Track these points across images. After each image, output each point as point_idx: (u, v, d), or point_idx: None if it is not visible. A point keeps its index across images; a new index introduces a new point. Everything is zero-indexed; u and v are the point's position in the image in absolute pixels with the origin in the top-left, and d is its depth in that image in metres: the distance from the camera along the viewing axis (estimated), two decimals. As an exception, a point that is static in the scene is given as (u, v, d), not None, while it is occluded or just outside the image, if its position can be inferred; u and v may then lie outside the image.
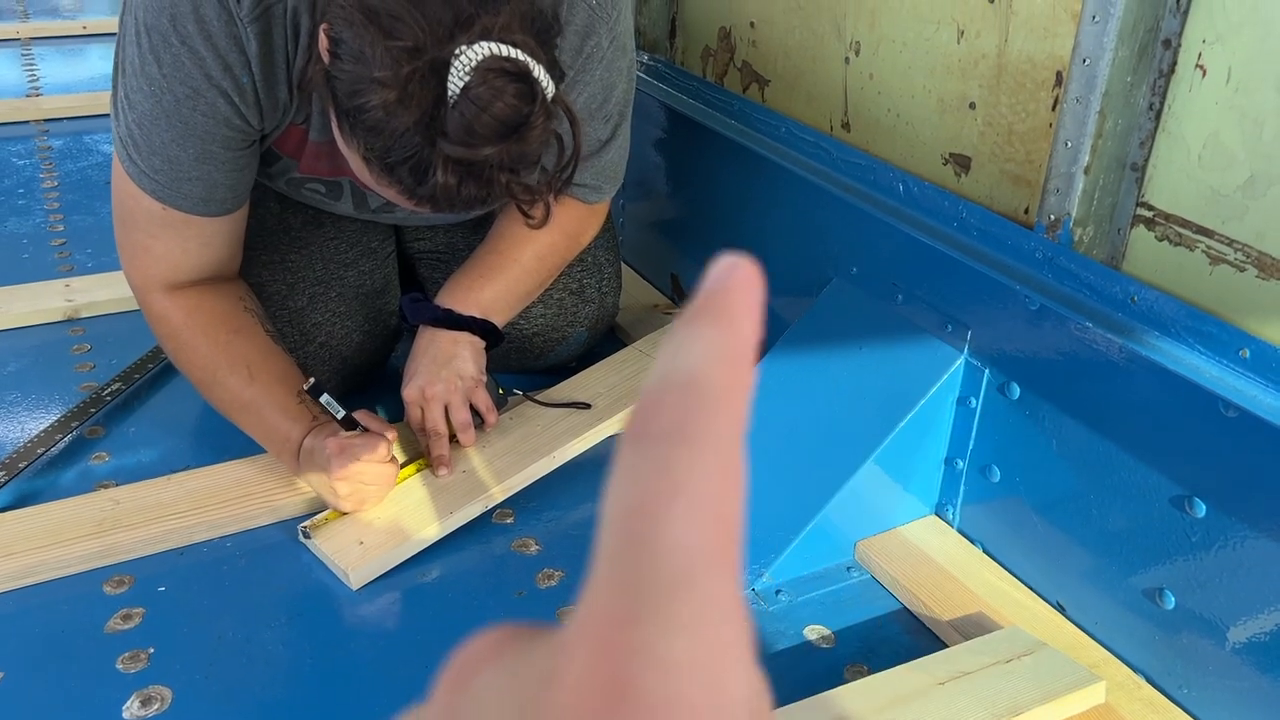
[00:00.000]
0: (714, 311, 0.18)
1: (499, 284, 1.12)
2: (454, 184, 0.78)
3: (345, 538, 1.00)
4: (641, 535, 0.16)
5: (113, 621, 0.92)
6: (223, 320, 1.03)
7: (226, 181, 0.98)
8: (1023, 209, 0.98)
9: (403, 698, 0.86)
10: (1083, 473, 0.90)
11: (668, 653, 0.15)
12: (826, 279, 1.15)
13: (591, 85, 1.04)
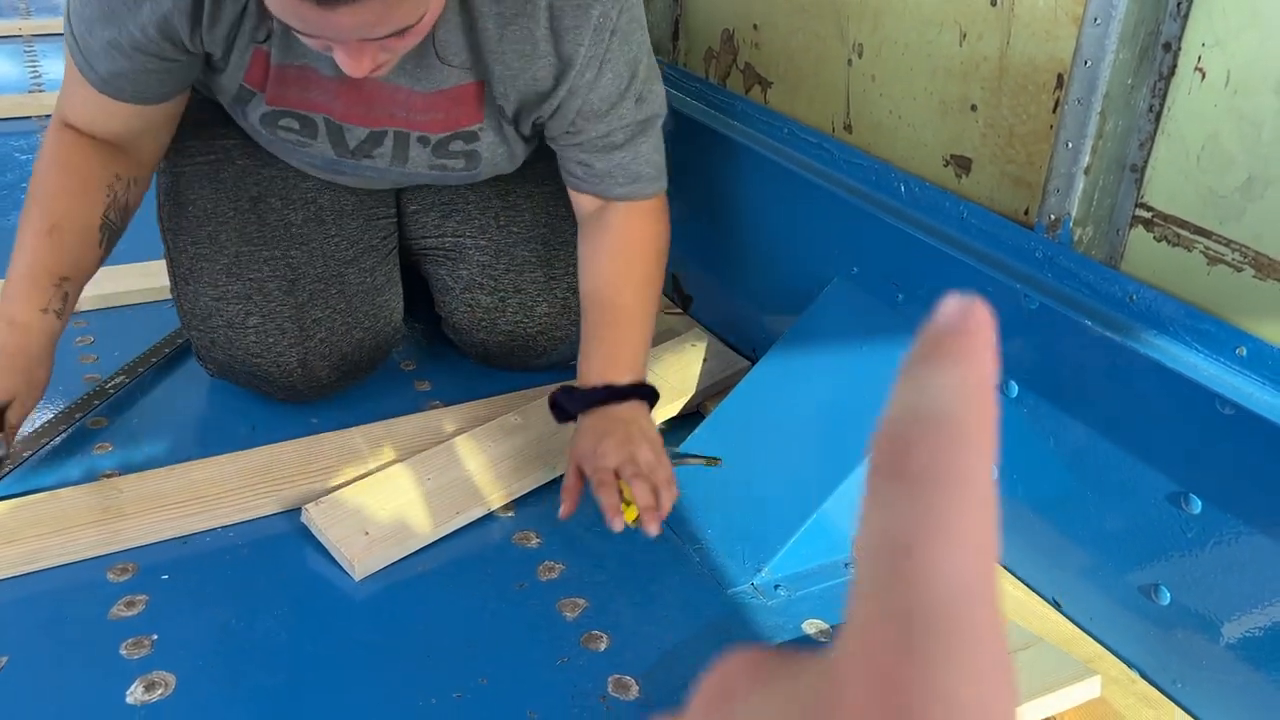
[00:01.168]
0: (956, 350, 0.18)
1: (624, 338, 1.09)
2: None
3: (350, 526, 1.01)
4: (910, 570, 0.16)
5: (116, 608, 0.93)
6: (80, 174, 1.04)
7: (131, 76, 1.00)
8: (1023, 210, 0.99)
9: (404, 687, 0.87)
10: (1080, 470, 0.91)
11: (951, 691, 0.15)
12: (827, 279, 1.16)
13: (615, 62, 1.03)
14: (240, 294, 1.16)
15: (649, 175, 1.12)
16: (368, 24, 0.82)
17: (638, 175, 1.11)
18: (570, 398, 1.06)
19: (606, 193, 1.12)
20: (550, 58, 1.02)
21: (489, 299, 1.27)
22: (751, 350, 1.36)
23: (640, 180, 1.11)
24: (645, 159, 1.11)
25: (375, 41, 0.85)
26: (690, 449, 1.16)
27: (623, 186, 1.11)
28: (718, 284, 1.43)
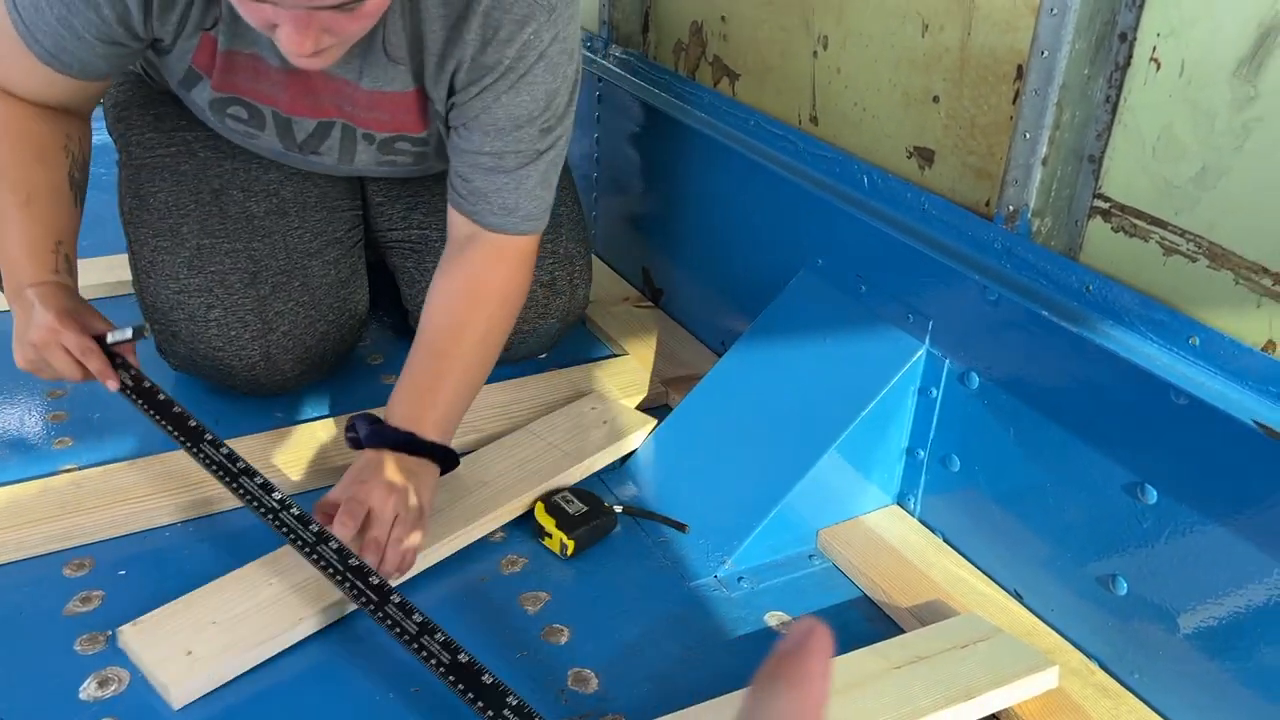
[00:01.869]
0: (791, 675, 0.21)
1: (449, 391, 1.02)
2: None
3: (171, 645, 0.85)
4: None
5: (71, 604, 0.92)
6: (36, 141, 1.03)
7: (77, 53, 0.98)
8: (984, 201, 0.99)
9: (360, 685, 0.86)
10: (1040, 461, 0.91)
11: None
12: (794, 270, 1.16)
13: (534, 85, 0.99)
14: (202, 287, 1.15)
15: (527, 211, 1.05)
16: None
17: (514, 207, 1.04)
18: (370, 430, 0.98)
19: (479, 217, 1.05)
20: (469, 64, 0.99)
21: None
22: (720, 342, 1.35)
23: (515, 213, 1.05)
24: (528, 192, 1.04)
25: (321, 12, 0.82)
26: (657, 443, 1.16)
27: (496, 216, 1.04)
28: (687, 277, 1.43)
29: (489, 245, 1.06)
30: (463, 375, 1.04)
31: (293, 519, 0.90)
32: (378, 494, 0.92)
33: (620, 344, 1.41)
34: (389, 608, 0.83)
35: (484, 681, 0.78)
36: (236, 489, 0.93)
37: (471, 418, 1.20)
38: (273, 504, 0.92)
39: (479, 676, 0.78)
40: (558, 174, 1.08)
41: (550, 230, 1.29)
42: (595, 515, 1.04)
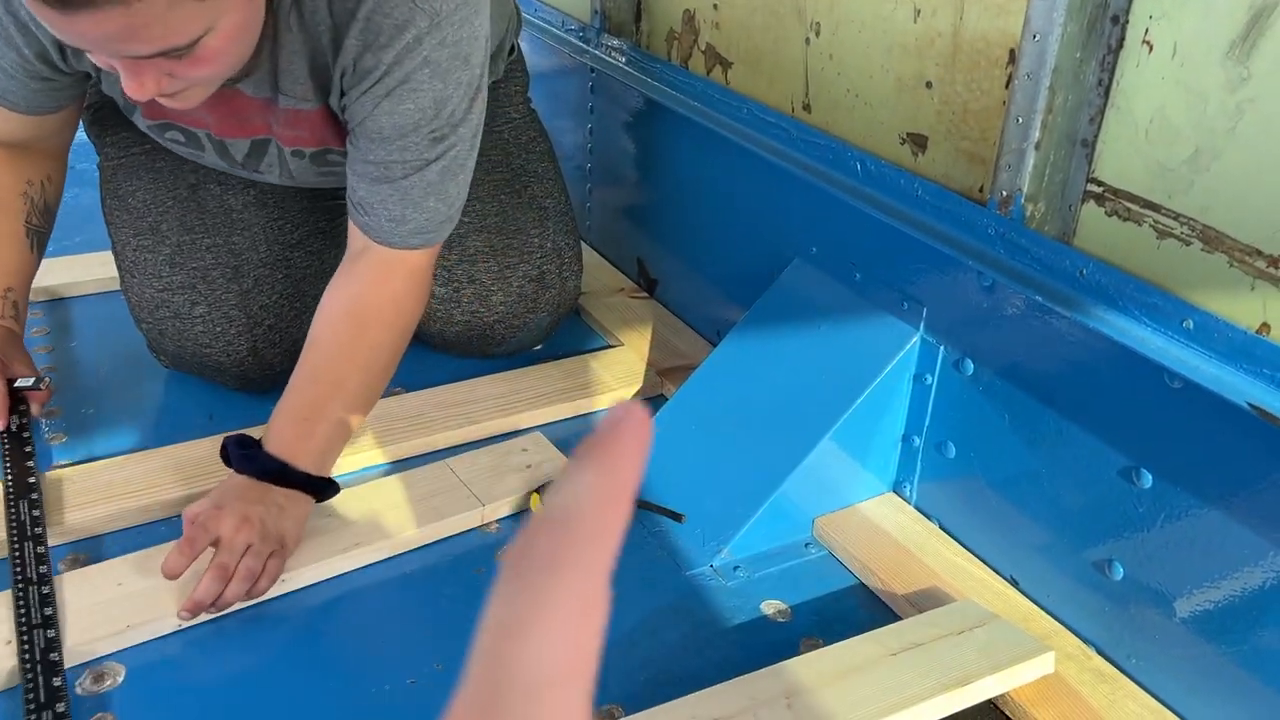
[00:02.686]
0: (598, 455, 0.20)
1: (328, 420, 0.96)
2: None
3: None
4: (499, 654, 0.19)
5: (66, 599, 0.92)
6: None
7: (19, 92, 0.99)
8: (978, 187, 0.98)
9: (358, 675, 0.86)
10: (1035, 447, 0.91)
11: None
12: (787, 259, 1.16)
13: (418, 93, 0.93)
14: (184, 284, 1.14)
15: (416, 224, 0.98)
16: (116, 36, 0.74)
17: (401, 219, 0.98)
18: (240, 455, 0.93)
19: (367, 229, 0.99)
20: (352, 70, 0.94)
21: (442, 290, 1.26)
22: (717, 332, 1.35)
23: (403, 225, 0.98)
24: (416, 203, 0.97)
25: (148, 61, 0.78)
26: (656, 430, 1.16)
27: (384, 228, 0.99)
28: (682, 266, 1.42)
29: (377, 260, 1.00)
30: (345, 403, 0.97)
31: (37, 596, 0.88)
32: (229, 524, 0.88)
33: (615, 335, 1.40)
34: None
35: None
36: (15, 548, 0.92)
37: (467, 410, 1.21)
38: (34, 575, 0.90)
39: None
40: (457, 185, 1.00)
41: (537, 224, 1.29)
42: (591, 506, 1.04)
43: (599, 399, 1.27)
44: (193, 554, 0.87)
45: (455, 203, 1.02)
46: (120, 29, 0.73)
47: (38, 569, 0.92)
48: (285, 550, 0.92)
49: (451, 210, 1.02)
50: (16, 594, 0.88)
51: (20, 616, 0.86)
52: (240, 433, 0.97)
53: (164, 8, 0.73)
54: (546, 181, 1.33)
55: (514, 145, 1.31)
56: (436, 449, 1.16)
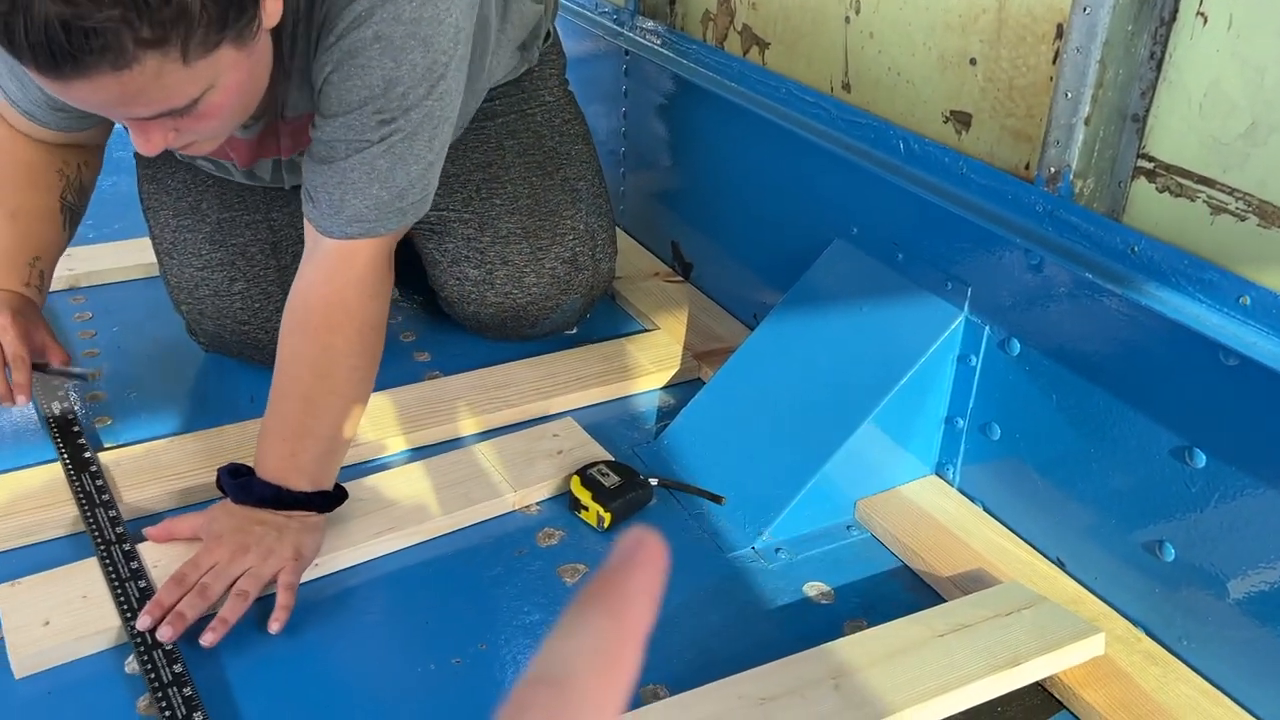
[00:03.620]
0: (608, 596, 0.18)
1: (309, 436, 0.93)
2: None
3: (32, 612, 0.86)
4: None
5: (114, 579, 0.93)
6: (25, 164, 1.02)
7: (52, 120, 0.99)
8: (1024, 164, 0.97)
9: (402, 654, 0.87)
10: (1083, 427, 0.90)
11: None
12: (827, 240, 1.15)
13: (367, 68, 0.87)
14: (224, 261, 1.15)
15: (355, 211, 0.92)
16: (113, 101, 0.74)
17: (340, 205, 0.92)
18: (235, 485, 0.92)
19: (312, 217, 0.94)
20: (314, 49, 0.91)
21: (476, 272, 1.26)
22: (754, 315, 1.34)
23: (341, 213, 0.92)
24: (355, 187, 0.91)
25: (153, 120, 0.78)
26: (690, 417, 1.15)
27: (324, 216, 0.93)
28: (718, 249, 1.42)
29: (319, 257, 0.94)
30: (320, 416, 0.93)
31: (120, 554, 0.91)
32: (224, 554, 0.87)
33: (650, 319, 1.40)
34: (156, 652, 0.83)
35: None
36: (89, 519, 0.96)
37: (505, 394, 1.21)
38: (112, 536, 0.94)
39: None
40: (408, 175, 0.93)
41: (570, 205, 1.28)
42: (631, 488, 1.04)
43: (635, 382, 1.26)
44: (181, 591, 0.85)
45: (407, 195, 0.93)
46: (115, 95, 0.73)
47: (114, 530, 0.94)
48: (302, 561, 0.90)
49: (403, 202, 0.93)
50: (101, 556, 0.91)
51: (110, 575, 0.89)
52: (232, 462, 0.96)
53: (154, 75, 0.72)
54: (580, 164, 1.32)
55: (547, 128, 1.31)
56: (472, 432, 1.16)
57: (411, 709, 0.82)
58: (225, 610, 0.86)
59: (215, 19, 0.72)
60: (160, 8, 0.68)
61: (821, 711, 0.75)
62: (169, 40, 0.70)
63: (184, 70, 0.73)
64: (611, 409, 1.23)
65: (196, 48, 0.72)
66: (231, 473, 0.93)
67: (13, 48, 0.69)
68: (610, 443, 1.14)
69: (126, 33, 0.68)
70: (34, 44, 0.68)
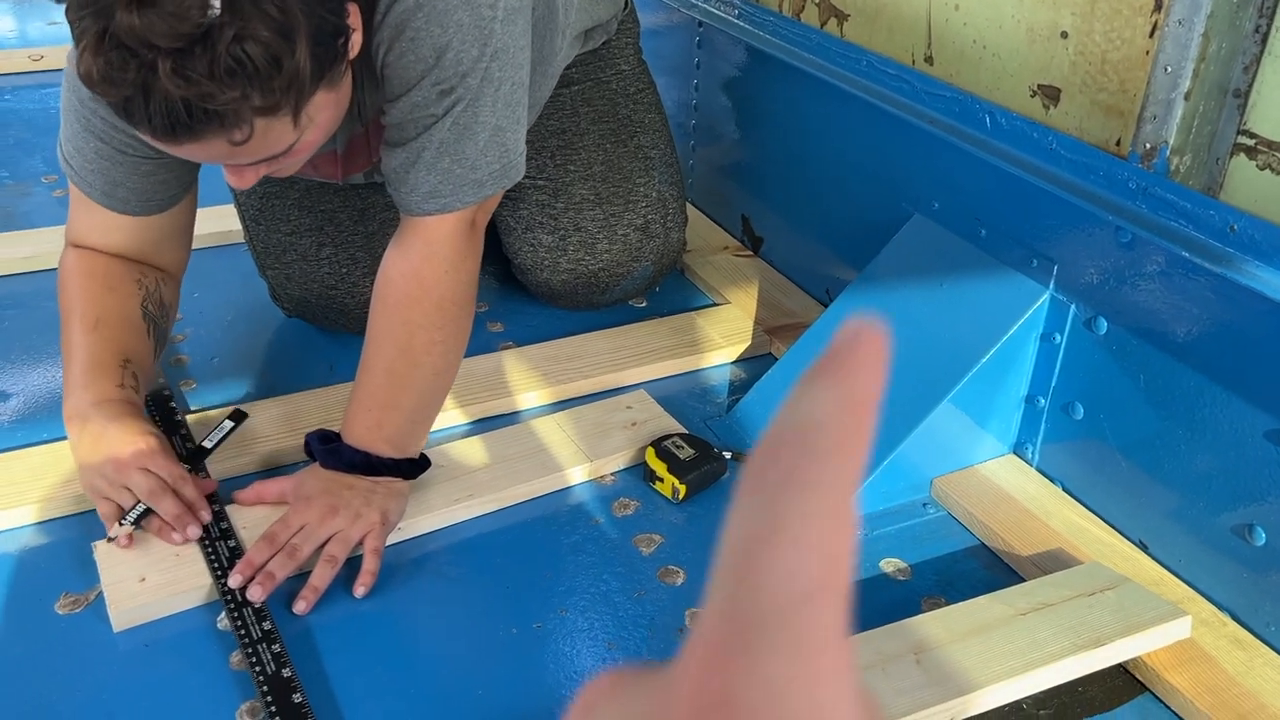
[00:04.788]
0: (837, 367, 0.19)
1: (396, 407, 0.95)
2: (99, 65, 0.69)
3: (130, 568, 0.89)
4: (748, 570, 0.17)
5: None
6: (105, 277, 0.98)
7: (128, 183, 0.94)
8: (1114, 140, 0.95)
9: (485, 618, 0.88)
10: (1171, 408, 0.89)
11: (776, 681, 0.16)
12: (906, 215, 1.14)
13: (418, 40, 0.86)
14: (313, 226, 1.17)
15: (429, 188, 0.92)
16: (220, 155, 0.77)
17: (416, 184, 0.92)
18: (323, 451, 0.94)
19: (396, 200, 0.96)
20: None
21: (550, 238, 1.26)
22: (826, 291, 1.34)
23: (418, 189, 0.92)
24: (427, 165, 0.91)
25: (251, 166, 0.81)
26: (763, 392, 1.15)
27: (402, 196, 0.94)
28: (790, 224, 1.41)
29: (403, 234, 0.96)
30: (403, 388, 0.94)
31: None
32: (315, 515, 0.90)
33: (720, 293, 1.40)
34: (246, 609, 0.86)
35: (293, 700, 0.78)
36: None
37: (578, 365, 1.21)
38: None
39: (290, 693, 0.79)
40: (477, 145, 0.92)
41: (643, 173, 1.29)
42: (706, 460, 1.04)
43: (706, 356, 1.26)
44: (272, 550, 0.88)
45: (480, 167, 0.93)
46: (223, 153, 0.77)
47: None
48: (387, 526, 0.93)
49: (477, 174, 0.93)
50: None
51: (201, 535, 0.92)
52: (320, 428, 0.99)
53: (262, 131, 0.76)
54: (653, 132, 1.32)
55: (621, 96, 1.31)
56: (546, 403, 1.17)
57: (493, 671, 0.83)
58: (315, 577, 0.88)
59: (314, 74, 0.76)
60: (273, 78, 0.72)
61: (904, 686, 0.76)
62: (281, 106, 0.74)
63: (289, 124, 0.77)
64: (682, 382, 1.24)
65: (301, 104, 0.76)
66: (321, 438, 0.96)
67: (131, 121, 0.73)
68: (682, 415, 1.15)
69: (245, 107, 0.72)
70: (154, 121, 0.71)
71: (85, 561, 0.90)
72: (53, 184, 1.68)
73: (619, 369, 1.22)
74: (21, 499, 0.97)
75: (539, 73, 1.07)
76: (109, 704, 0.79)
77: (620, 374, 1.22)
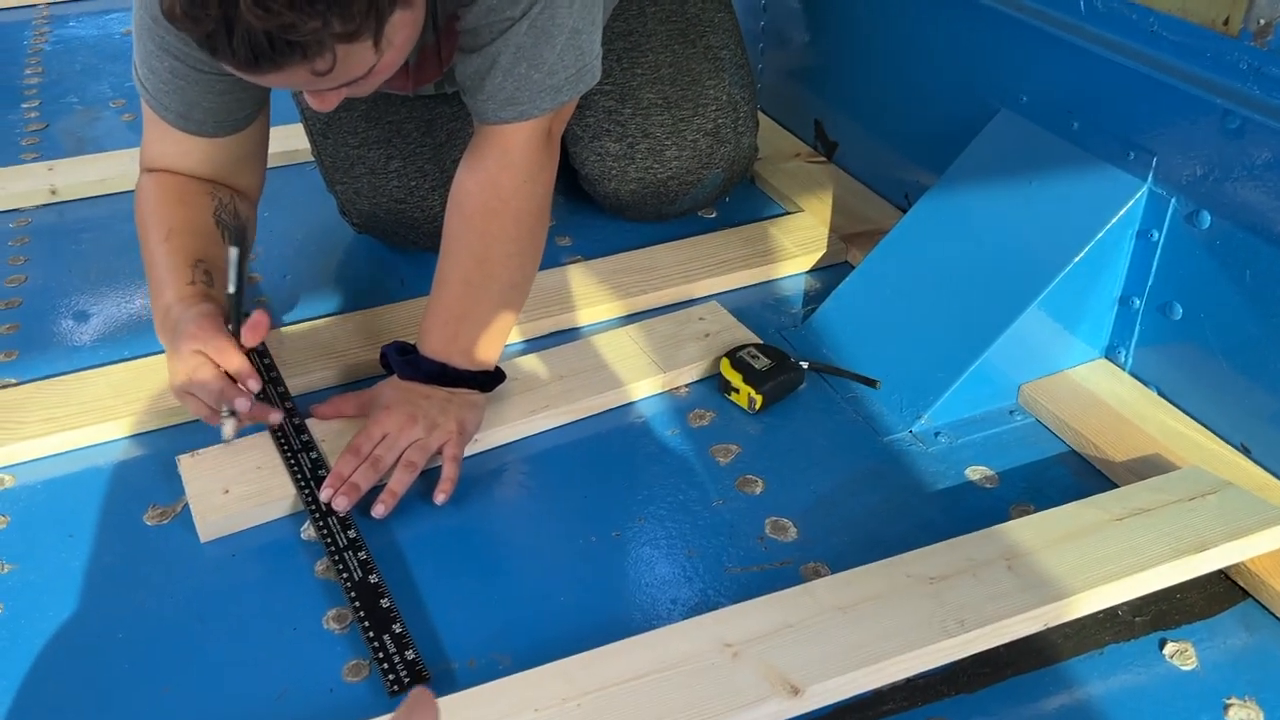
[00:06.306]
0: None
1: (470, 318, 0.94)
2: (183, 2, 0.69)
3: (214, 480, 0.90)
4: None
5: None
6: (178, 192, 0.98)
7: (203, 103, 0.93)
8: (1222, 19, 0.89)
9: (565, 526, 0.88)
10: (1278, 307, 0.84)
11: None
12: (993, 110, 1.08)
13: None
14: (380, 139, 1.15)
15: (507, 94, 0.90)
16: (302, 82, 0.76)
17: (494, 91, 0.90)
18: (401, 362, 0.94)
19: (472, 108, 0.94)
20: None
21: (617, 146, 1.23)
22: (905, 195, 1.29)
23: (496, 95, 0.90)
24: (504, 70, 0.89)
25: (333, 91, 0.80)
26: (840, 300, 1.12)
27: (479, 103, 0.92)
28: (864, 126, 1.36)
29: (479, 143, 0.94)
30: (480, 300, 0.94)
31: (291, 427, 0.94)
32: (395, 422, 0.90)
33: (794, 201, 1.36)
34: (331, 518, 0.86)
35: (381, 605, 0.79)
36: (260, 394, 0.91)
37: (648, 277, 1.19)
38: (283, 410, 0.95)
39: (378, 599, 0.79)
40: (555, 51, 0.90)
41: (713, 75, 1.24)
42: (782, 370, 1.02)
43: (780, 266, 1.23)
44: (357, 461, 0.88)
45: (558, 72, 0.91)
46: (304, 79, 0.75)
47: (285, 405, 0.98)
48: (465, 435, 0.92)
49: (554, 79, 0.91)
50: (273, 430, 0.95)
51: (283, 447, 0.93)
52: (397, 340, 0.98)
53: (343, 59, 0.74)
54: (723, 32, 1.27)
55: None
56: (617, 315, 1.16)
57: (574, 577, 0.83)
58: (394, 482, 0.88)
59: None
60: (352, 3, 0.70)
61: (997, 592, 0.73)
62: (361, 32, 0.73)
63: (370, 48, 0.75)
64: (756, 293, 1.21)
65: (381, 27, 0.74)
66: (398, 349, 0.95)
67: (214, 54, 0.72)
68: (756, 327, 1.12)
69: (326, 35, 0.71)
70: (238, 53, 0.70)
71: (171, 474, 0.92)
72: (121, 108, 1.69)
73: (690, 280, 1.20)
74: (107, 415, 0.99)
75: None
76: (199, 610, 0.81)
77: (692, 285, 1.19)
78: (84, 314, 1.17)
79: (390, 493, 0.87)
